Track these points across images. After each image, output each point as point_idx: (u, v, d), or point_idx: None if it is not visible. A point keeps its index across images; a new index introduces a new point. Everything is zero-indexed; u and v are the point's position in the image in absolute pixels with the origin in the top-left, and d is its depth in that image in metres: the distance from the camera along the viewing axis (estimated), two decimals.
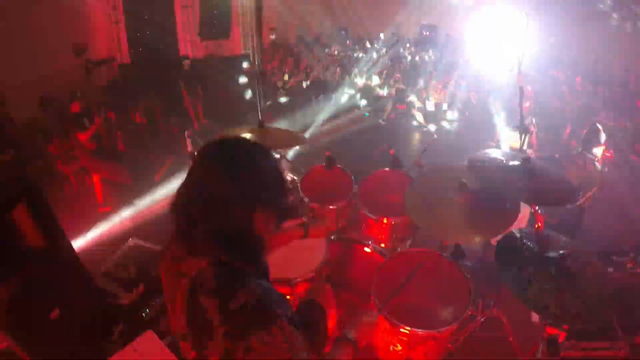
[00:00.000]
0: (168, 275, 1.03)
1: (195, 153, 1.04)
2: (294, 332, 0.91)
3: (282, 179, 1.06)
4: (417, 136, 8.09)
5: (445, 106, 9.09)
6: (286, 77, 10.10)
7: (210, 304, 0.91)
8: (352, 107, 9.56)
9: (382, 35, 13.56)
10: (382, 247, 2.69)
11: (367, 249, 2.54)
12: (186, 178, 1.02)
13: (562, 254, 1.57)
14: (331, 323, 1.20)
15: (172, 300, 1.01)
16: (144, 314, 2.99)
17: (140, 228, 4.31)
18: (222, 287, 0.92)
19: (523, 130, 2.24)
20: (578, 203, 3.31)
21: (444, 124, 8.61)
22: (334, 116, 8.86)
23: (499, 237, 1.85)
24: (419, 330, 1.82)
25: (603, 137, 3.36)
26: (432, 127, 8.54)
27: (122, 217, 4.61)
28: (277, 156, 2.94)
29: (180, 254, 1.00)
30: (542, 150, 6.16)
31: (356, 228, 2.92)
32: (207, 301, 0.91)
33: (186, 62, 7.60)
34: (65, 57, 6.64)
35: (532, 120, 6.03)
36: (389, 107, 8.67)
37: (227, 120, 7.27)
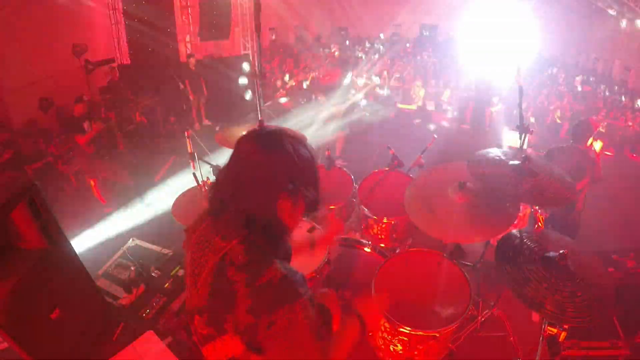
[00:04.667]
0: (195, 250, 1.06)
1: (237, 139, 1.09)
2: (313, 312, 0.97)
3: (316, 171, 1.09)
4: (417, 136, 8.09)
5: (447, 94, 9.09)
6: (286, 77, 10.11)
7: (238, 278, 0.94)
8: (352, 107, 9.55)
9: (382, 36, 13.57)
10: (382, 247, 2.69)
11: (367, 249, 2.54)
12: (226, 162, 1.07)
13: (562, 253, 1.57)
14: (335, 327, 1.22)
15: (196, 274, 1.03)
16: (144, 314, 2.99)
17: (140, 228, 4.31)
18: (251, 263, 0.96)
19: (523, 130, 2.23)
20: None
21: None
22: (335, 116, 8.87)
23: (499, 237, 1.85)
24: (419, 330, 1.82)
25: (592, 128, 3.33)
26: (431, 126, 8.56)
27: (122, 217, 4.61)
28: None
29: (211, 231, 1.05)
30: (539, 149, 6.16)
31: (356, 228, 2.92)
32: (236, 275, 0.95)
33: (191, 61, 7.57)
34: (65, 58, 6.63)
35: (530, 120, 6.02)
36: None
37: (228, 121, 7.27)
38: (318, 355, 0.99)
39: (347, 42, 13.07)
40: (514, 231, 1.84)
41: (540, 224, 2.03)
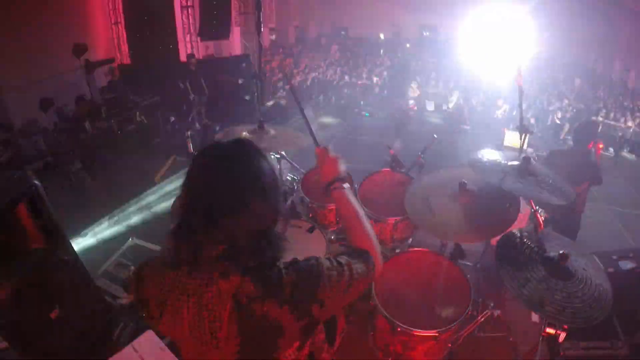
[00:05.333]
0: (197, 312, 0.94)
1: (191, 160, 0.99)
2: (321, 257, 1.01)
3: (277, 180, 1.02)
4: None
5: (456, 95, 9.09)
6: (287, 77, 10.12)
7: (269, 305, 0.90)
8: (352, 107, 9.57)
9: (382, 36, 13.58)
10: (382, 247, 2.69)
11: None
12: (182, 188, 0.95)
13: (562, 253, 1.57)
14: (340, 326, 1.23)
15: (210, 333, 0.93)
16: (144, 314, 2.98)
17: (140, 228, 4.31)
18: (268, 286, 0.91)
19: (523, 130, 2.23)
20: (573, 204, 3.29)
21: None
22: (335, 116, 8.89)
23: (499, 237, 1.85)
24: (419, 330, 1.82)
25: (596, 131, 3.31)
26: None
27: (122, 217, 4.61)
28: (277, 156, 2.93)
29: (194, 279, 0.93)
30: (538, 148, 6.17)
31: None
32: (265, 305, 0.90)
33: (192, 61, 7.56)
34: (65, 58, 6.63)
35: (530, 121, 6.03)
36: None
37: (228, 121, 7.27)
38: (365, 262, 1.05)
39: (348, 42, 13.06)
40: (514, 231, 1.84)
41: (540, 224, 2.03)
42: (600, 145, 3.93)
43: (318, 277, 0.95)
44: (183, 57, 8.63)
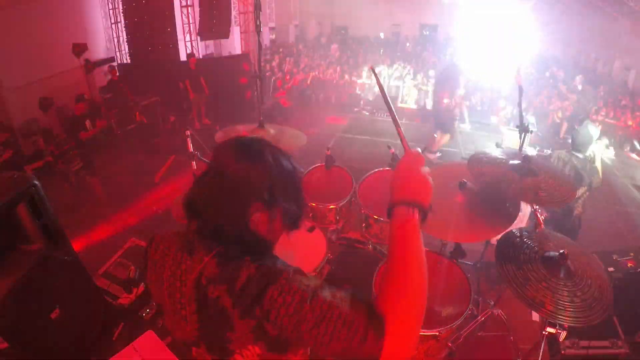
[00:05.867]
0: (172, 281, 0.97)
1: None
2: (304, 276, 0.86)
3: (299, 186, 1.01)
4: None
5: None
6: (286, 76, 10.12)
7: (219, 291, 0.88)
8: (352, 106, 9.58)
9: (382, 35, 13.58)
10: (382, 247, 2.69)
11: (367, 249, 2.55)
12: (202, 173, 0.98)
13: (562, 253, 1.57)
14: None
15: (182, 304, 0.96)
16: (144, 314, 2.99)
17: (140, 228, 4.31)
18: (224, 272, 0.89)
19: (523, 129, 2.23)
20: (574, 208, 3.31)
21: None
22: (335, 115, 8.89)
23: (499, 236, 1.85)
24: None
25: (595, 134, 3.29)
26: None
27: (122, 217, 4.61)
28: None
29: (178, 250, 0.99)
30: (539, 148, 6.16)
31: (356, 228, 2.92)
32: (216, 290, 0.89)
33: (192, 61, 7.56)
34: (65, 57, 6.64)
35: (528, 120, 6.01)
36: None
37: (228, 120, 7.28)
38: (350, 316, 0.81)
39: (348, 42, 13.06)
40: (514, 230, 1.84)
41: (540, 224, 2.03)
42: (602, 145, 3.90)
43: (270, 283, 0.83)
44: (183, 57, 8.63)
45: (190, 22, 9.18)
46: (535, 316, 2.60)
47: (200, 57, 9.03)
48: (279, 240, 1.03)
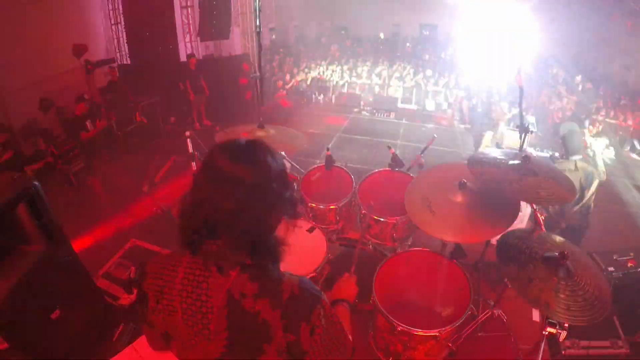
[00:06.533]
0: (190, 302, 0.95)
1: (202, 159, 0.98)
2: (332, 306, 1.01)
3: (286, 174, 1.02)
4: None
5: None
6: (287, 77, 10.11)
7: (260, 305, 0.90)
8: (352, 106, 9.58)
9: (381, 35, 13.57)
10: (382, 247, 2.69)
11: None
12: (197, 182, 0.94)
13: (562, 253, 1.57)
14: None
15: (203, 323, 0.94)
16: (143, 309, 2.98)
17: (140, 228, 4.31)
18: (265, 286, 0.92)
19: (523, 129, 2.23)
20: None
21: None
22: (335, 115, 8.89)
23: (499, 236, 1.85)
24: (419, 330, 1.82)
25: (581, 134, 3.26)
26: (430, 125, 8.56)
27: (122, 217, 4.61)
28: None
29: (197, 268, 0.95)
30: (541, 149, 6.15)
31: (356, 228, 2.92)
32: (256, 304, 0.90)
33: (192, 61, 7.57)
34: (65, 58, 6.64)
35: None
36: None
37: (228, 121, 7.28)
38: (348, 341, 1.04)
39: (348, 42, 13.04)
40: (514, 230, 1.84)
41: (540, 224, 2.03)
42: (603, 144, 3.89)
43: (315, 302, 0.94)
44: (183, 57, 8.62)
45: (190, 22, 9.18)
46: (536, 316, 2.60)
47: (200, 57, 9.02)
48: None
